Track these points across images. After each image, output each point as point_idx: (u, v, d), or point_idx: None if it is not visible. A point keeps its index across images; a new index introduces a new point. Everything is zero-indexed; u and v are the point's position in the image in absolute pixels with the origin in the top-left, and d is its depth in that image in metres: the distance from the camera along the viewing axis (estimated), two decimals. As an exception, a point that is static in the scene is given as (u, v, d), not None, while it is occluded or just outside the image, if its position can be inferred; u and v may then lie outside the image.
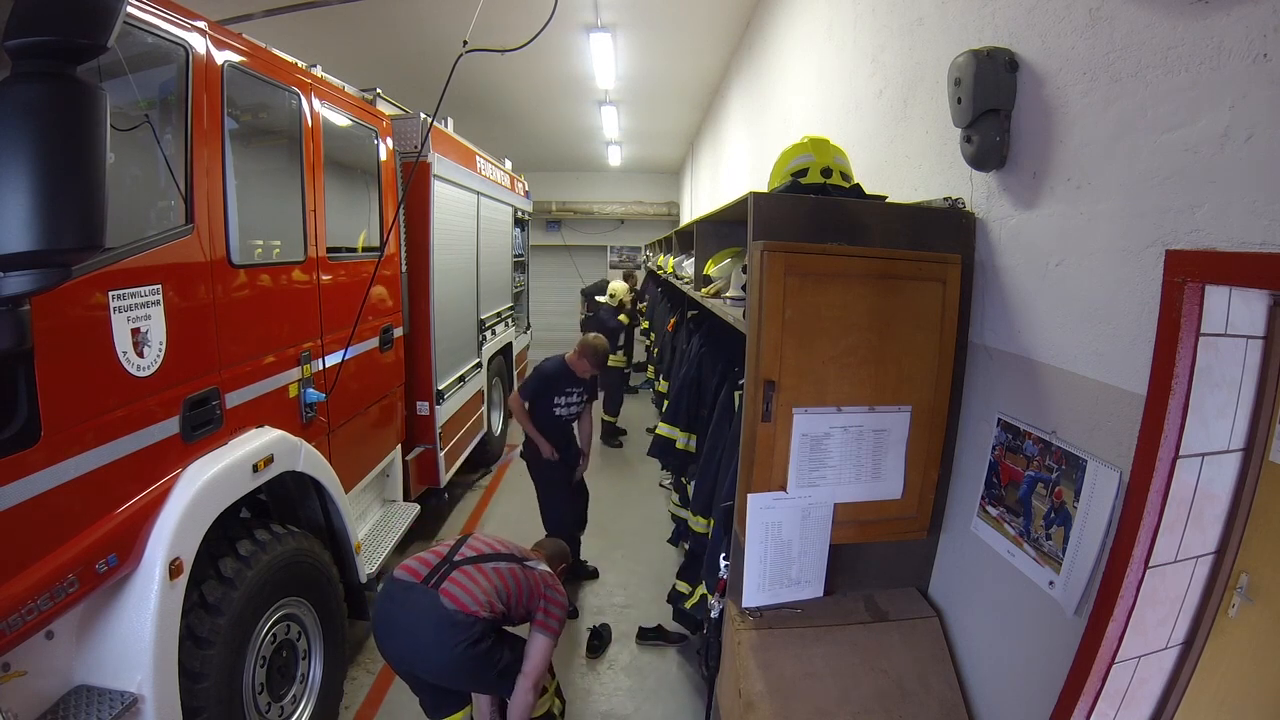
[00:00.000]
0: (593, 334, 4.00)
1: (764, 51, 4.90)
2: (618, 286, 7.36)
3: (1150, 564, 1.21)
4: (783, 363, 1.67)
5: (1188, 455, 1.18)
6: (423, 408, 4.25)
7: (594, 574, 4.21)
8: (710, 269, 2.88)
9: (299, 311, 2.79)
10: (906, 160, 2.29)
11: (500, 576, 2.36)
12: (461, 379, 4.89)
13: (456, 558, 2.38)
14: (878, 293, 1.70)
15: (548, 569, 2.52)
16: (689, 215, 10.79)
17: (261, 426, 2.45)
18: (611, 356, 5.72)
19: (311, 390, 2.83)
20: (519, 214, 7.01)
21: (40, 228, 1.18)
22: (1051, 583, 1.48)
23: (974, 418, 1.84)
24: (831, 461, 1.77)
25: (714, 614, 2.23)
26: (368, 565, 3.16)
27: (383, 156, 3.64)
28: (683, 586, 3.03)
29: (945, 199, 1.95)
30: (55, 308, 1.58)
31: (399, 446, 4.01)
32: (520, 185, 7.04)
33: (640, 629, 3.56)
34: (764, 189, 1.96)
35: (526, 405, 3.83)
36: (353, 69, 4.03)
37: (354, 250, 3.44)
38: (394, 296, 3.84)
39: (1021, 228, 1.64)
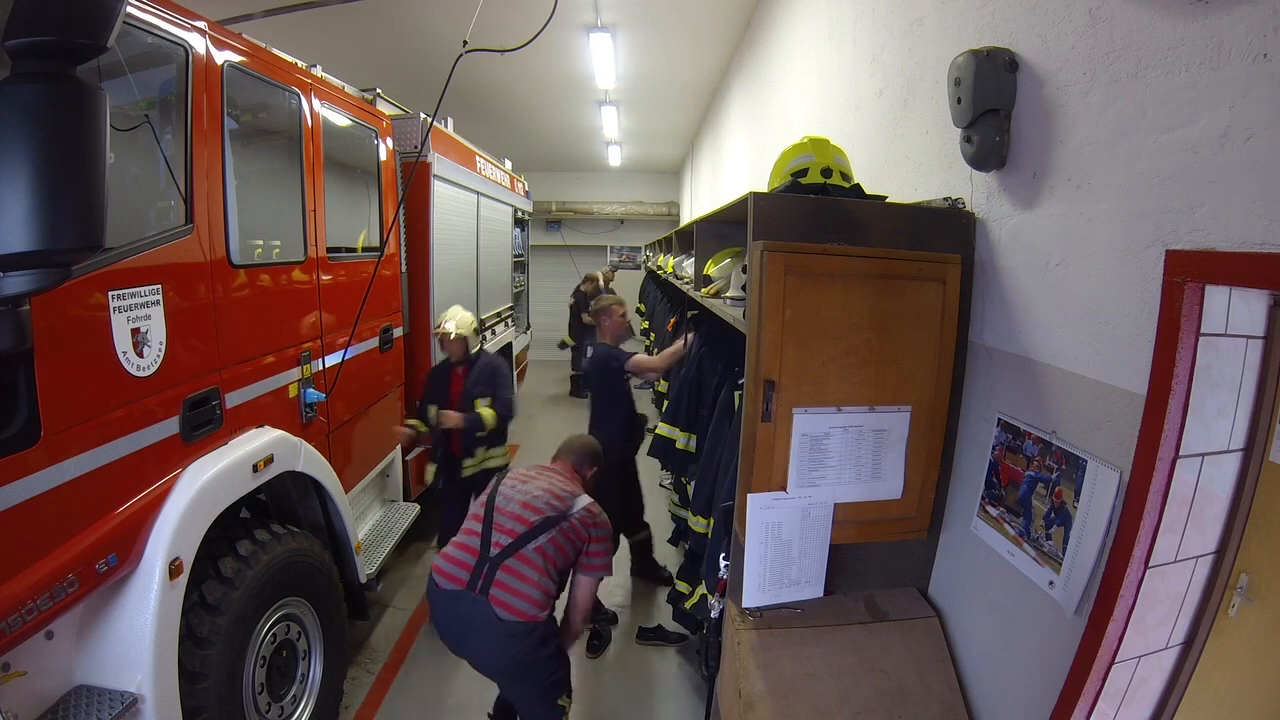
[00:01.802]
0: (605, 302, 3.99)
1: (764, 51, 4.90)
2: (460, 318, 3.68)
3: (1150, 564, 1.21)
4: (783, 363, 1.67)
5: (1188, 455, 1.18)
6: (423, 408, 4.25)
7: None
8: (710, 269, 2.87)
9: (299, 311, 2.79)
10: (906, 160, 2.29)
11: (544, 555, 2.22)
12: (461, 379, 4.88)
13: (493, 553, 2.22)
14: (878, 293, 1.70)
15: (587, 501, 2.39)
16: (689, 215, 10.78)
17: (261, 426, 2.45)
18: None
19: (311, 390, 2.83)
20: (519, 214, 7.01)
21: (40, 228, 1.18)
22: (1051, 583, 1.48)
23: (974, 418, 1.84)
24: (831, 461, 1.77)
25: (714, 614, 2.23)
26: (368, 565, 3.16)
27: (383, 156, 3.64)
28: (683, 586, 3.03)
29: (945, 199, 1.95)
30: (55, 308, 1.58)
31: (399, 446, 4.01)
32: (520, 185, 7.03)
33: (640, 629, 3.56)
34: (764, 189, 1.96)
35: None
36: (353, 69, 4.03)
37: (354, 250, 3.44)
38: (394, 296, 3.84)
39: (1021, 228, 1.64)
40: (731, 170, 6.67)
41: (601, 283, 9.44)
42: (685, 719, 2.96)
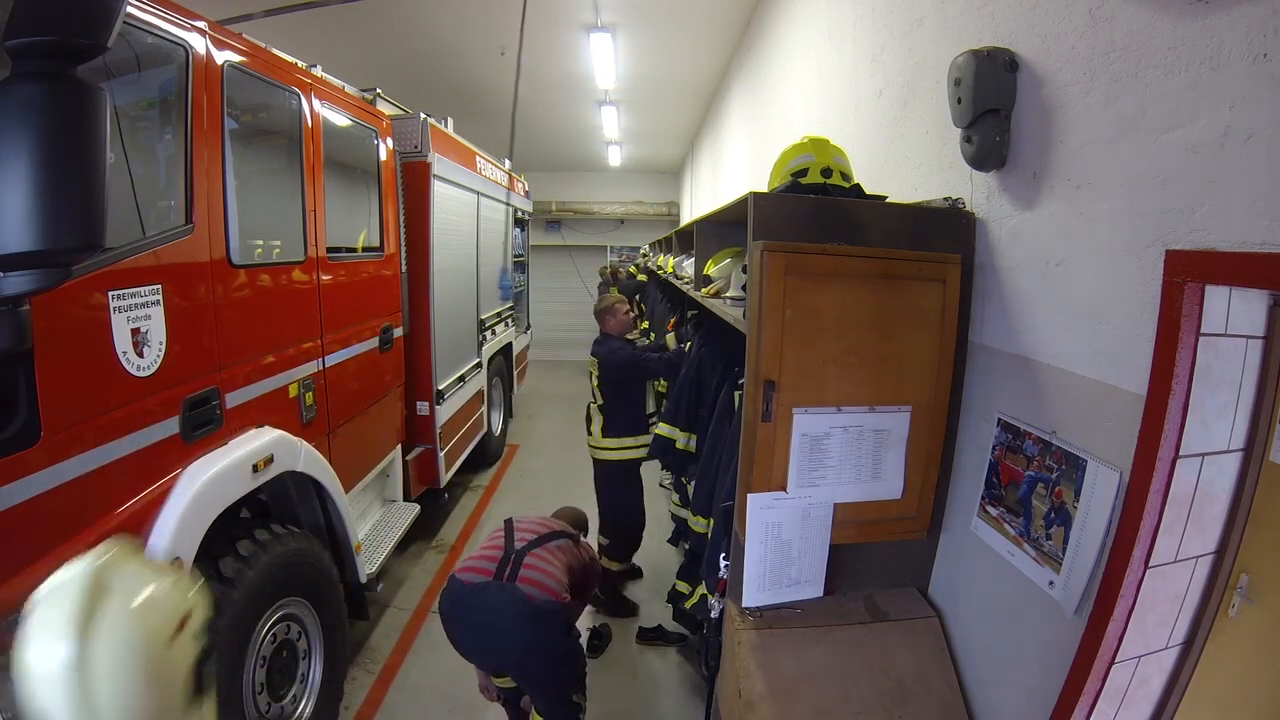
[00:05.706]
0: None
1: (764, 51, 4.90)
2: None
3: (1150, 564, 1.21)
4: (783, 363, 1.67)
5: (1188, 455, 1.18)
6: (423, 408, 4.25)
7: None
8: (710, 269, 2.87)
9: (299, 311, 2.79)
10: (906, 160, 2.29)
11: (565, 553, 2.46)
12: (461, 379, 4.89)
13: (519, 544, 2.41)
14: (878, 293, 1.70)
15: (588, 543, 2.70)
16: (689, 215, 10.78)
17: (261, 426, 2.45)
18: None
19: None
20: (519, 214, 7.01)
21: (40, 228, 1.18)
22: (1051, 583, 1.48)
23: (974, 418, 1.84)
24: (831, 461, 1.77)
25: (714, 614, 2.23)
26: (368, 565, 3.16)
27: (383, 156, 3.64)
28: (683, 586, 3.02)
29: (945, 199, 1.95)
30: (55, 308, 1.58)
31: (399, 446, 4.01)
32: (520, 185, 7.03)
33: (640, 629, 3.56)
34: (764, 189, 1.96)
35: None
36: (353, 69, 4.03)
37: (354, 250, 3.44)
38: (394, 296, 3.84)
39: (1021, 228, 1.64)
40: (731, 170, 6.67)
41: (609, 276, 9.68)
42: (685, 719, 2.96)
